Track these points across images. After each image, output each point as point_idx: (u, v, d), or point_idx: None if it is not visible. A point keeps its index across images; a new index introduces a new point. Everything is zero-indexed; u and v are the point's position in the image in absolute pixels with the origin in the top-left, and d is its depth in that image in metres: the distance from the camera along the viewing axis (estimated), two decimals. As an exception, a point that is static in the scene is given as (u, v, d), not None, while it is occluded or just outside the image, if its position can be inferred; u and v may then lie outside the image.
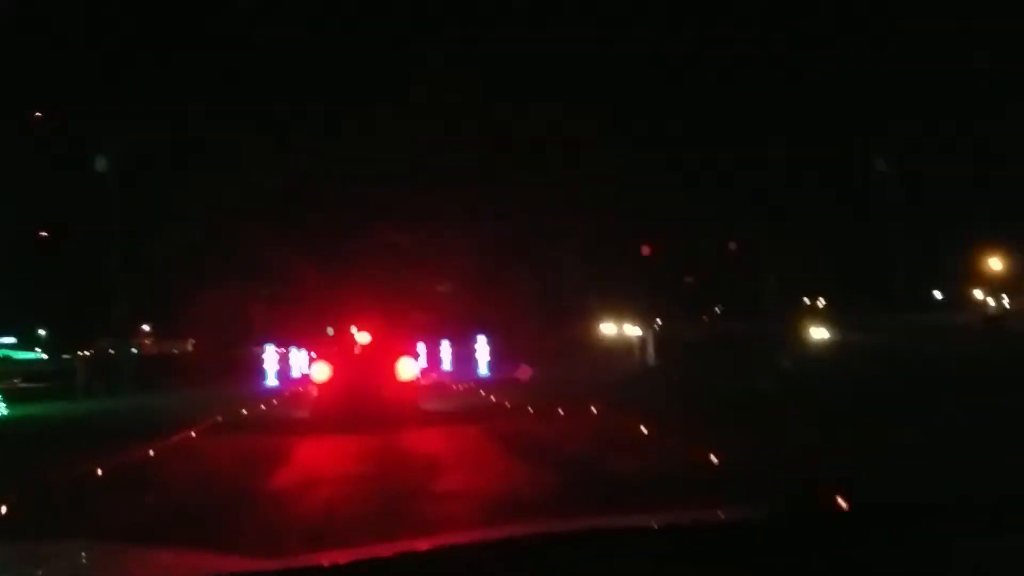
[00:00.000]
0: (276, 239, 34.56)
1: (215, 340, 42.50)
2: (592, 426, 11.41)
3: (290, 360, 33.48)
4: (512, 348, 34.84)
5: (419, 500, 6.68)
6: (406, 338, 29.28)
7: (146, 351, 49.13)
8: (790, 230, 36.15)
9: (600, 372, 24.17)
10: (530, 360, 25.52)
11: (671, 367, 24.58)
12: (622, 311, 38.30)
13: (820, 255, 32.40)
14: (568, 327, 38.44)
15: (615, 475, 7.30)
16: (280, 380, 30.79)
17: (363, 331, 16.86)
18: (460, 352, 34.69)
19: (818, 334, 40.54)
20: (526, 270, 37.62)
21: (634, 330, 36.40)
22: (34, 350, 57.83)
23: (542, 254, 35.71)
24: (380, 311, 38.61)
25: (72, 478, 7.99)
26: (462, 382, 26.73)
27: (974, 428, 8.71)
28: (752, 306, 37.69)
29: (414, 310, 39.08)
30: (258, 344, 37.78)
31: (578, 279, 35.31)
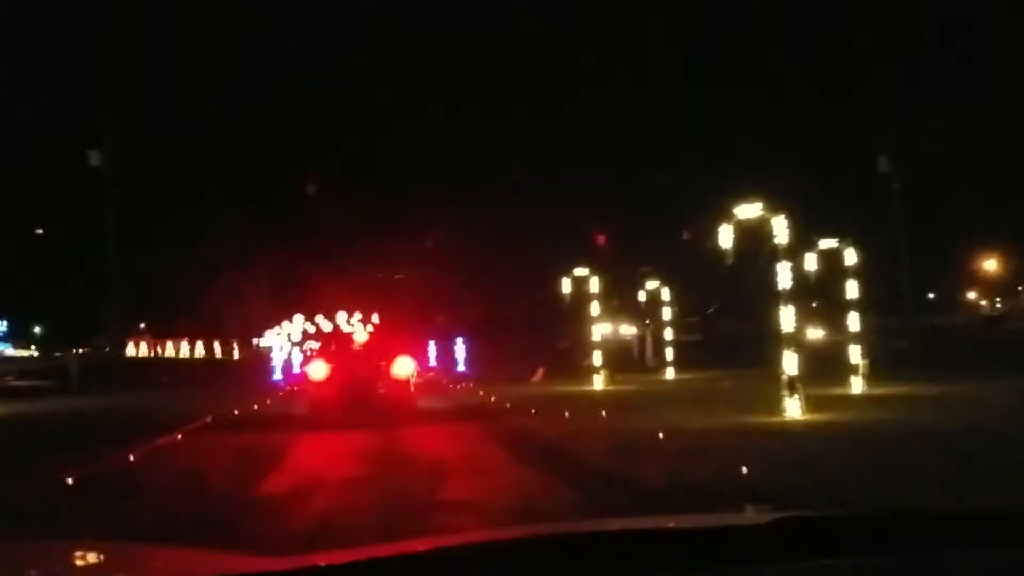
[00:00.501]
0: (276, 241, 34.53)
1: (211, 339, 42.32)
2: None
3: (290, 358, 33.36)
4: (512, 350, 34.91)
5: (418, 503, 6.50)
6: (403, 337, 29.39)
7: (144, 349, 49.06)
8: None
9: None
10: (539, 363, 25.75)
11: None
12: (618, 311, 38.13)
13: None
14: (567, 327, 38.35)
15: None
16: (279, 378, 30.75)
17: (360, 330, 16.79)
18: (452, 352, 34.83)
19: (813, 334, 40.57)
20: (522, 270, 37.64)
21: (630, 330, 36.27)
22: (28, 347, 57.75)
23: (540, 255, 35.63)
24: (378, 311, 38.76)
25: (37, 491, 7.38)
26: (457, 381, 26.99)
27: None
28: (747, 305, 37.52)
29: (411, 310, 39.32)
30: (254, 343, 37.76)
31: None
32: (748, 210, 12.32)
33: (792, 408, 11.28)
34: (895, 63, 28.06)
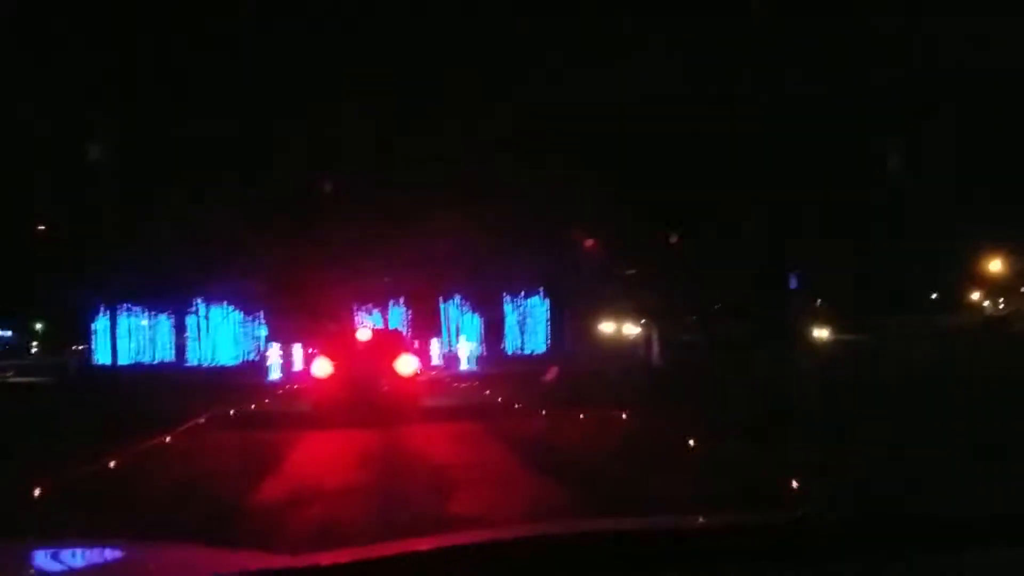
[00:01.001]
0: (276, 237, 34.25)
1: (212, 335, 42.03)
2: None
3: (291, 356, 33.20)
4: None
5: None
6: (407, 334, 29.41)
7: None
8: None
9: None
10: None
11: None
12: (622, 310, 38.02)
13: (821, 255, 32.03)
14: (578, 325, 38.26)
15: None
16: (280, 375, 30.57)
17: (364, 327, 16.66)
18: (460, 349, 34.77)
19: (819, 334, 40.45)
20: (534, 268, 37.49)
21: (633, 329, 36.13)
22: (31, 344, 57.79)
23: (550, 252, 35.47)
24: (381, 308, 38.57)
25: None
26: (461, 378, 26.91)
27: None
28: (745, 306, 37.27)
29: (417, 308, 39.26)
30: (258, 340, 37.57)
31: (587, 276, 35.06)
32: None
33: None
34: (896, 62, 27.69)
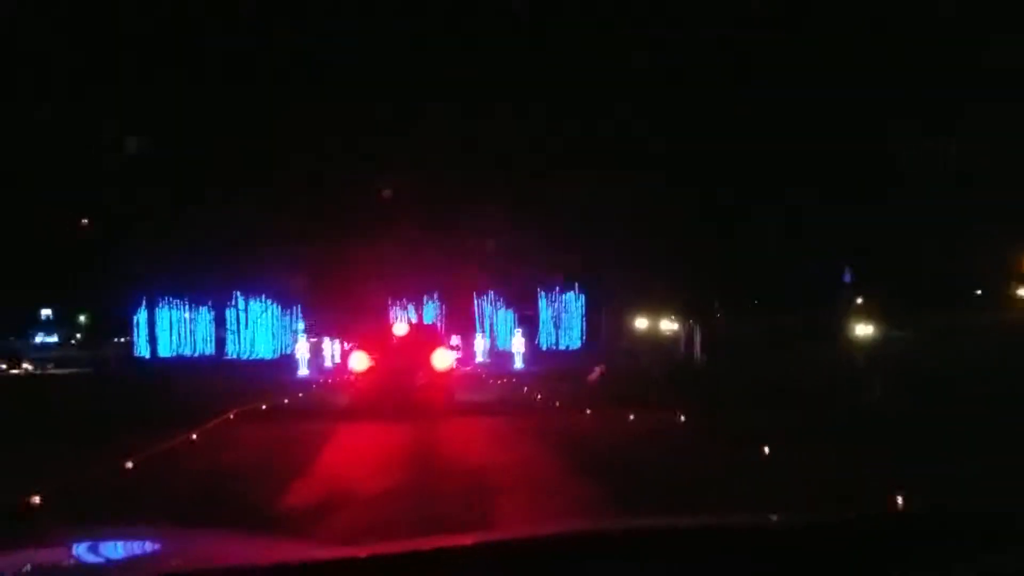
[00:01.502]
0: (316, 233, 34.26)
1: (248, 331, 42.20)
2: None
3: (323, 351, 33.13)
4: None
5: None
6: (444, 330, 29.27)
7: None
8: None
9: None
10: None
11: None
12: (659, 306, 37.46)
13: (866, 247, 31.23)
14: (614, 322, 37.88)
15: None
16: (312, 371, 30.41)
17: (400, 322, 16.83)
18: (498, 346, 34.63)
19: (863, 330, 39.45)
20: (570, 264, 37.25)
21: (671, 326, 35.63)
22: (73, 338, 58.68)
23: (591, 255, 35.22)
24: (416, 303, 38.45)
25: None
26: (497, 374, 26.86)
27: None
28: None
29: (450, 303, 39.19)
30: (295, 334, 37.63)
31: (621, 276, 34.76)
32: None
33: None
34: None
